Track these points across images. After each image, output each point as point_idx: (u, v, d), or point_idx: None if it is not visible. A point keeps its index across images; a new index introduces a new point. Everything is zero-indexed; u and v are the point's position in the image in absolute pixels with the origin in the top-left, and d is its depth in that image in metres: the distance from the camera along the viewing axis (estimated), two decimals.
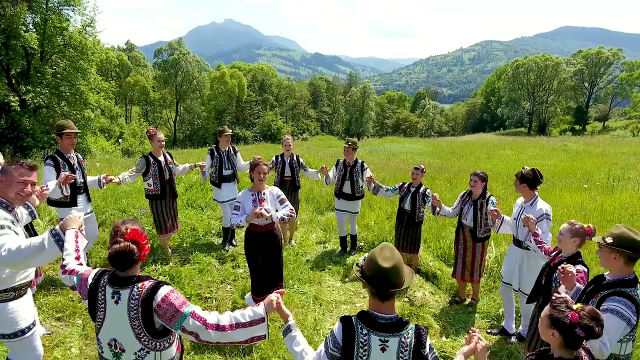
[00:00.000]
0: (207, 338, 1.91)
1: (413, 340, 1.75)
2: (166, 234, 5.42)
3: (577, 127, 50.73)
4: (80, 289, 2.02)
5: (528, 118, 54.13)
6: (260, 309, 2.01)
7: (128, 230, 1.92)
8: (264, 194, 3.92)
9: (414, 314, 4.47)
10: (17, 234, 2.46)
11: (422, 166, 5.33)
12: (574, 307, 1.80)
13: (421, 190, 5.21)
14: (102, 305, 1.96)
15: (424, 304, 4.79)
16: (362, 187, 5.79)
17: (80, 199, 4.45)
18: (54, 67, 21.01)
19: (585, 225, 2.92)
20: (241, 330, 1.94)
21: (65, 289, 4.48)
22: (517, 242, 4.08)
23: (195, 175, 8.94)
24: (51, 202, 4.39)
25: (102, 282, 1.97)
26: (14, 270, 2.53)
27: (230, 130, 5.96)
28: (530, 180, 3.87)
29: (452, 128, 72.11)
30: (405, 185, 5.35)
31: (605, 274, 2.48)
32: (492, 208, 4.28)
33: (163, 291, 1.92)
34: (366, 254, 1.90)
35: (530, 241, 3.55)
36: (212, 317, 1.94)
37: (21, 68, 20.41)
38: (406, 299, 4.86)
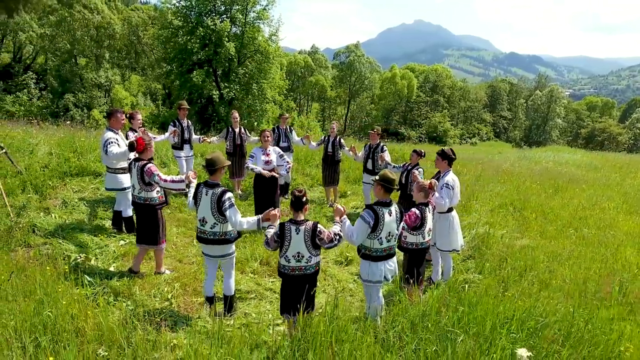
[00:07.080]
0: (162, 185, 4.43)
1: (218, 193, 3.86)
2: (234, 178, 8.07)
3: None
4: None
5: None
6: (183, 176, 4.28)
7: (137, 137, 4.37)
8: (268, 150, 6.01)
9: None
10: (119, 146, 5.26)
11: (421, 150, 6.32)
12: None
13: (415, 169, 6.23)
14: (133, 170, 4.54)
15: None
16: (381, 165, 7.11)
17: (186, 146, 7.45)
18: (244, 68, 26.91)
19: (428, 183, 4.24)
20: (173, 183, 4.29)
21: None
22: None
23: None
24: (172, 147, 7.67)
25: (137, 160, 4.53)
26: (119, 161, 5.35)
27: (287, 114, 8.34)
28: (448, 157, 4.79)
29: None
30: (406, 164, 6.50)
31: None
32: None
33: (149, 165, 4.44)
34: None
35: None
36: (165, 177, 4.30)
37: (223, 69, 26.84)
38: None
